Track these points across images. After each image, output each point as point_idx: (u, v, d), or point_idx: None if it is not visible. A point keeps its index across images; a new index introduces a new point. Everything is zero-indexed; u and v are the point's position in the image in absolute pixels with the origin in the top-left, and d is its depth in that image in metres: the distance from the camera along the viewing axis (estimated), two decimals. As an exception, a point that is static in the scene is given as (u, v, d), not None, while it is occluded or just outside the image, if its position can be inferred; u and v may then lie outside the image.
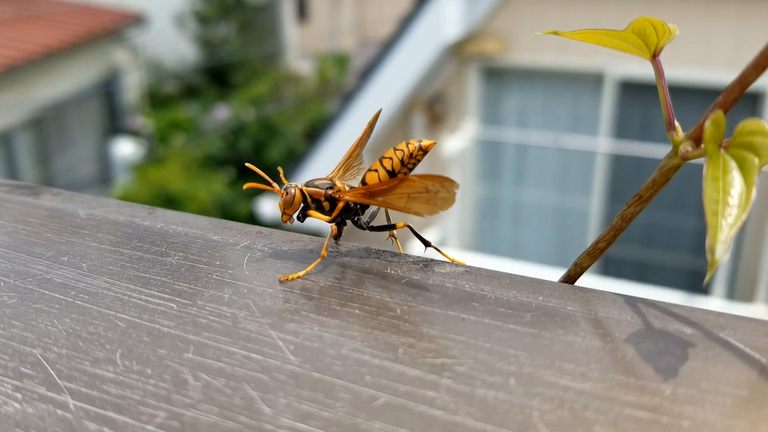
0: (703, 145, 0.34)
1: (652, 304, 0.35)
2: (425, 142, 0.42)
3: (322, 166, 3.80)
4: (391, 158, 0.42)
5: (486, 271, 0.39)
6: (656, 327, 0.33)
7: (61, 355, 0.31)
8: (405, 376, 0.29)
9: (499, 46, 3.73)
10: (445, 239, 3.84)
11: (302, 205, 0.43)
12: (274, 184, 0.44)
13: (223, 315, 0.34)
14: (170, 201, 5.09)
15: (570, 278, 0.38)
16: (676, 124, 0.35)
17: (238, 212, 5.34)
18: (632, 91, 3.60)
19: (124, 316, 0.34)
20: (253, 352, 0.30)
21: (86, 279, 0.38)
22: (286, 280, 0.37)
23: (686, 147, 0.34)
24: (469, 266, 0.39)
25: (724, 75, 3.28)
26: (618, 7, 3.45)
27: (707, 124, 0.31)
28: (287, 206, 0.43)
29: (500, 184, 4.04)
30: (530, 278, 0.38)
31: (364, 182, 0.42)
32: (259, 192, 4.73)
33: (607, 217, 3.82)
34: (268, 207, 4.11)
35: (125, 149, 6.25)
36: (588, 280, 3.15)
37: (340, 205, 0.42)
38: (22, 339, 0.32)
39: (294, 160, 4.76)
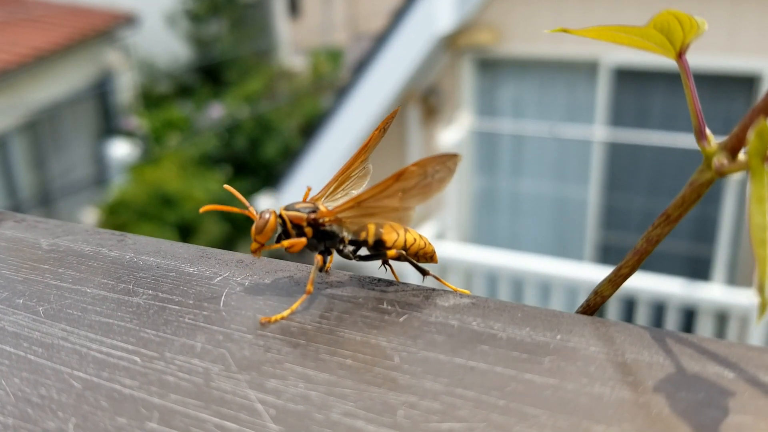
0: (742, 158, 0.29)
1: (684, 341, 0.31)
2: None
3: (318, 161, 3.76)
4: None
5: (494, 302, 0.34)
6: (693, 371, 0.28)
7: (6, 425, 0.27)
8: (406, 447, 0.24)
9: (492, 36, 3.68)
10: (443, 232, 3.79)
11: (280, 231, 0.38)
12: (250, 207, 0.39)
13: (194, 370, 0.29)
14: (167, 201, 5.04)
15: (589, 308, 0.34)
16: (708, 132, 0.31)
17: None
18: (627, 78, 3.56)
19: (81, 374, 0.29)
20: (228, 419, 0.26)
21: (42, 327, 0.33)
22: (268, 322, 0.33)
23: (721, 160, 0.30)
24: (475, 297, 0.35)
25: (717, 62, 3.24)
26: (613, -6, 3.40)
27: (751, 135, 0.26)
28: (258, 232, 0.37)
29: (497, 175, 4.00)
30: (545, 311, 0.33)
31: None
32: (255, 190, 4.69)
33: (604, 206, 3.78)
34: (265, 204, 4.06)
35: (120, 150, 6.20)
36: (588, 270, 3.12)
37: (308, 230, 0.38)
38: (-39, 406, 0.28)
39: (290, 156, 4.71)
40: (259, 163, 6.22)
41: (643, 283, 2.97)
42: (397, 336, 0.31)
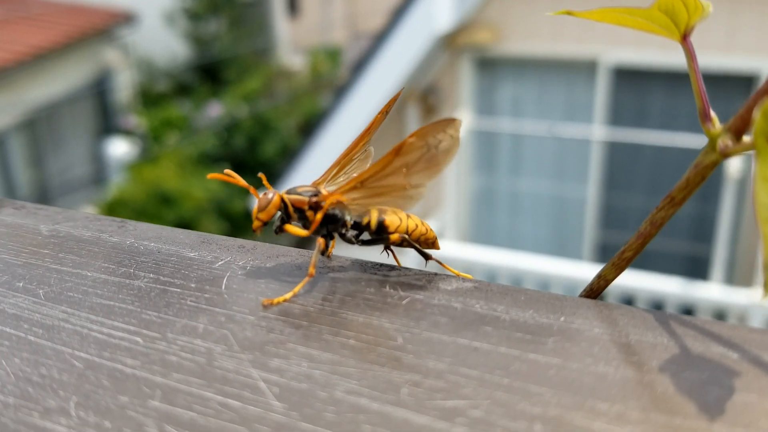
0: (747, 139, 0.29)
1: (688, 323, 0.31)
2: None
3: (317, 160, 3.75)
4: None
5: (497, 286, 0.34)
6: (697, 351, 0.28)
7: (7, 404, 0.27)
8: (410, 423, 0.24)
9: (491, 35, 3.68)
10: (442, 231, 3.79)
11: (280, 212, 0.38)
12: (251, 188, 0.39)
13: (196, 350, 0.29)
14: (165, 200, 5.04)
15: (593, 292, 0.34)
16: (712, 114, 0.31)
17: (233, 209, 5.29)
18: (626, 77, 3.56)
19: (82, 355, 0.29)
20: (231, 397, 0.26)
21: (42, 309, 0.33)
22: (271, 304, 0.32)
23: (725, 141, 0.30)
24: (477, 281, 0.35)
25: (716, 61, 3.24)
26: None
27: (756, 115, 0.26)
28: (261, 210, 0.37)
29: (496, 174, 4.00)
30: (548, 294, 0.33)
31: None
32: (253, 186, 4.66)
33: (603, 205, 3.78)
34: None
35: (119, 149, 6.19)
36: (587, 269, 3.12)
37: (318, 216, 0.37)
38: (-38, 386, 0.28)
39: (289, 155, 4.71)
40: (257, 162, 6.22)
41: (641, 282, 2.97)
42: (400, 318, 0.31)
